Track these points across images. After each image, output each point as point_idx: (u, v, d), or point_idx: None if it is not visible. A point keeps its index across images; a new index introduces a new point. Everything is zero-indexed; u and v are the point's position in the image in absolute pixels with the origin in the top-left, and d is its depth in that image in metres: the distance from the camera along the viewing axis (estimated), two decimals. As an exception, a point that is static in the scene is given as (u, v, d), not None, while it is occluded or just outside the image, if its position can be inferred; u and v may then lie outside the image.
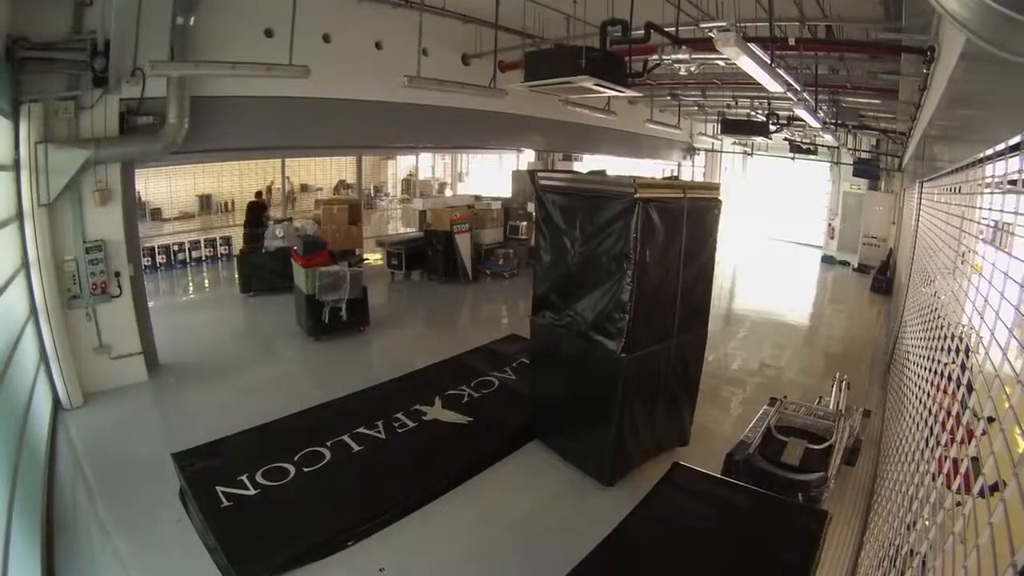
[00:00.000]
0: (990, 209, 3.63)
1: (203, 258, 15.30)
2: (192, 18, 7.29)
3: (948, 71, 3.57)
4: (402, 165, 23.94)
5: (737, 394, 8.64)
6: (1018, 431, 2.35)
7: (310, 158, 19.25)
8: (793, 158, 20.92)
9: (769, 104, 14.51)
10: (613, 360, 5.75)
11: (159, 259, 14.40)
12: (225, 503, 5.46)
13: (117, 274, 7.45)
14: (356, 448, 6.53)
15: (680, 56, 7.35)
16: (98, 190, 7.09)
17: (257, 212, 15.26)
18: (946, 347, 4.01)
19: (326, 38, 9.61)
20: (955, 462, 2.99)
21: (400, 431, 6.94)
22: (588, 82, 6.31)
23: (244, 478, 5.82)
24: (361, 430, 6.85)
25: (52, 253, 6.77)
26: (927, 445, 3.74)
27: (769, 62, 6.06)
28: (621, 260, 5.62)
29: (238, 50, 7.82)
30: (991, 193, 3.58)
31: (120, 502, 5.50)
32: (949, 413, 3.37)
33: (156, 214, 18.29)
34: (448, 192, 24.14)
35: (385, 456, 6.44)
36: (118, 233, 7.45)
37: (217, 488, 5.63)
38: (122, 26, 6.31)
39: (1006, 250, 3.11)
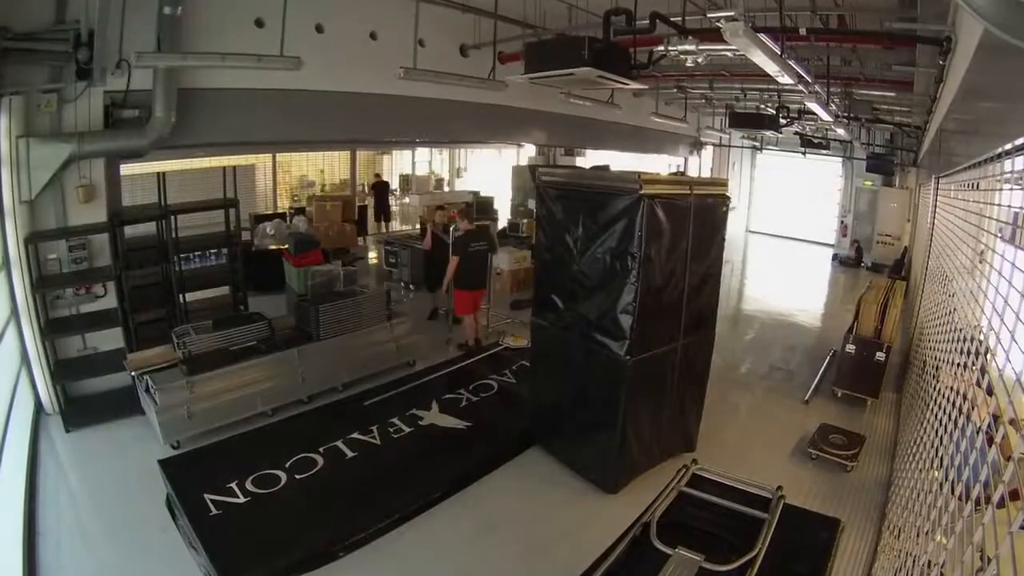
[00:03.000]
0: (1009, 206, 3.62)
1: (189, 256, 15.17)
2: (179, 7, 7.26)
3: (965, 63, 3.56)
4: (398, 161, 23.91)
5: (746, 397, 8.65)
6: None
7: (305, 152, 19.25)
8: (804, 153, 20.91)
9: (779, 97, 14.50)
10: (618, 362, 5.74)
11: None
12: (214, 511, 5.46)
13: (102, 273, 7.45)
14: (350, 454, 6.53)
15: (687, 47, 7.33)
16: (82, 186, 7.08)
17: (381, 190, 19.14)
18: (963, 349, 4.00)
19: (319, 28, 9.60)
20: (974, 468, 2.99)
21: (395, 436, 6.94)
22: (591, 74, 6.30)
23: (234, 485, 5.83)
24: (355, 435, 6.86)
25: (34, 252, 6.76)
26: (945, 452, 3.74)
27: (779, 53, 6.05)
28: (626, 259, 5.61)
29: (228, 41, 7.79)
30: (1011, 189, 3.58)
31: (105, 510, 5.51)
32: (968, 418, 3.36)
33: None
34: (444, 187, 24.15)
35: (380, 463, 6.44)
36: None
37: (205, 496, 5.63)
38: (107, 16, 6.29)
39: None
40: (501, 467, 6.55)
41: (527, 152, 20.86)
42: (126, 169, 8.76)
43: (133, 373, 6.82)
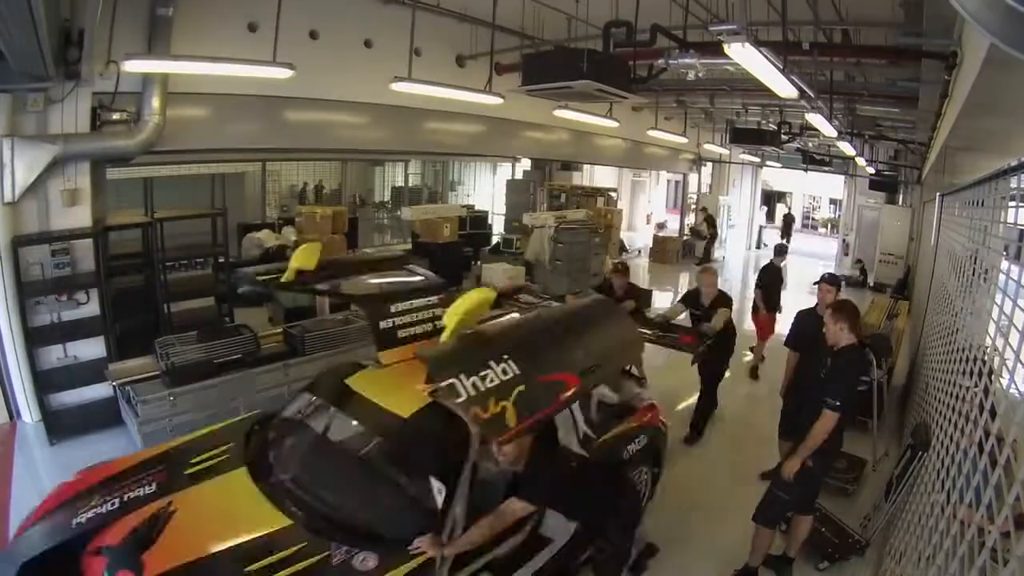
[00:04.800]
0: (1015, 224, 3.66)
1: (176, 265, 15.10)
2: (172, 8, 7.30)
3: (971, 78, 3.60)
4: (390, 173, 23.86)
5: (746, 421, 8.64)
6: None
7: (296, 162, 19.24)
8: (806, 170, 21.05)
9: (781, 112, 14.61)
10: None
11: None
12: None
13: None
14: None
15: (687, 60, 7.39)
16: (66, 189, 7.06)
17: None
18: (967, 369, 4.02)
19: (313, 35, 9.63)
20: (977, 491, 3.00)
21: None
22: (590, 87, 6.34)
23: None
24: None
25: (14, 256, 6.73)
26: (948, 474, 3.75)
27: (782, 68, 6.11)
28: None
29: (220, 44, 7.84)
30: (1016, 207, 3.61)
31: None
32: (971, 440, 3.38)
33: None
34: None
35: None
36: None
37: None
38: (98, 15, 6.30)
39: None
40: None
41: (522, 166, 20.90)
42: (112, 173, 8.73)
43: (115, 383, 6.78)
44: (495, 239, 18.03)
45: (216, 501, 4.05)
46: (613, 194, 22.80)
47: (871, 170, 19.38)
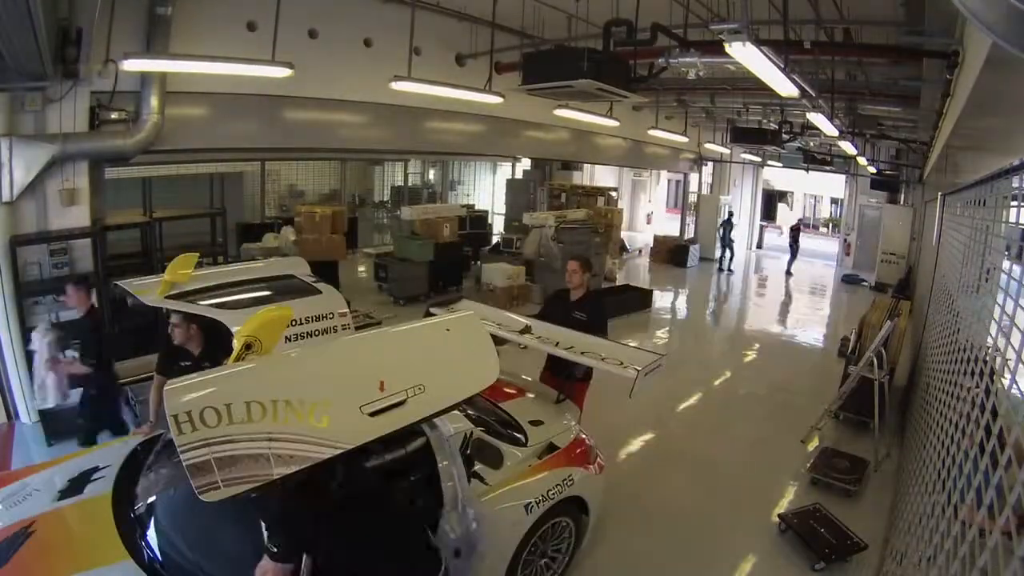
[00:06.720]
0: (1016, 223, 3.65)
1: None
2: (170, 8, 7.29)
3: (973, 77, 3.60)
4: (390, 172, 23.88)
5: (748, 419, 8.64)
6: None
7: (295, 161, 19.26)
8: (807, 169, 21.04)
9: (782, 112, 14.61)
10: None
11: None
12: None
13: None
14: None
15: (688, 59, 7.40)
16: (65, 189, 7.05)
17: None
18: (969, 370, 4.01)
19: (312, 34, 9.63)
20: (979, 493, 2.99)
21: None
22: (590, 86, 6.34)
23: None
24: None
25: (12, 256, 6.72)
26: (948, 475, 3.74)
27: (783, 67, 6.10)
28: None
29: (219, 43, 7.85)
30: (1018, 206, 3.61)
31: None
32: (972, 440, 3.37)
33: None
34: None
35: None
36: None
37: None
38: (96, 14, 6.30)
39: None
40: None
41: (522, 165, 20.92)
42: (110, 173, 8.72)
43: (112, 384, 6.76)
44: (495, 239, 18.04)
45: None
46: (613, 194, 22.82)
47: (872, 169, 19.40)
